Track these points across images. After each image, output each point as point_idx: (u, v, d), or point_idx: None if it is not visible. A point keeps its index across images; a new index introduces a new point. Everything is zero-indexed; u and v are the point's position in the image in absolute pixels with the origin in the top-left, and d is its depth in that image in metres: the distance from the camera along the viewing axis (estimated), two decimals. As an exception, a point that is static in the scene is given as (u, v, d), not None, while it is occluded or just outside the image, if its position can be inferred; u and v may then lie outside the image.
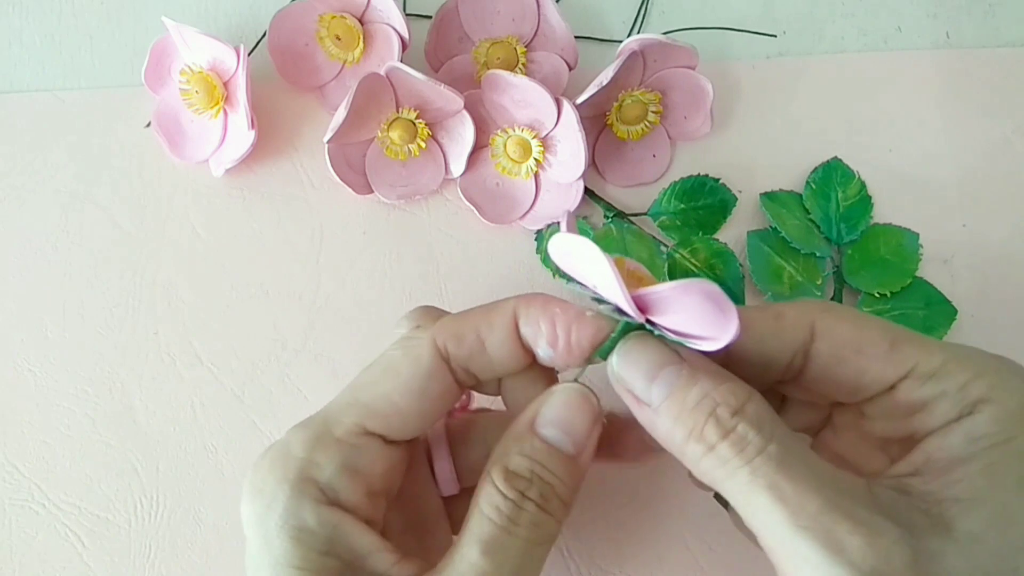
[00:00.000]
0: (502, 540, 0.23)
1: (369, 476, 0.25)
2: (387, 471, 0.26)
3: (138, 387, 0.37)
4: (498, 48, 0.39)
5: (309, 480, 0.24)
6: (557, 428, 0.25)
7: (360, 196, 0.39)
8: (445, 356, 0.26)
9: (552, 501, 0.24)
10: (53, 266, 0.39)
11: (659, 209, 0.39)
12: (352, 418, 0.25)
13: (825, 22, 0.43)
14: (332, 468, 0.24)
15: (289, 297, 0.38)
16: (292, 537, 0.24)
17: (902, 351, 0.24)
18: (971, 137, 0.40)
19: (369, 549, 0.24)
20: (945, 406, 0.24)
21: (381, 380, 0.26)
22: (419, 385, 0.25)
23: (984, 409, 0.23)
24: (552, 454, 0.24)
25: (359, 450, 0.25)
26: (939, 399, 0.24)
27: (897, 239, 0.38)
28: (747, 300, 0.37)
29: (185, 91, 0.39)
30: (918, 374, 0.24)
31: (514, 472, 0.24)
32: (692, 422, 0.23)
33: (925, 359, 0.24)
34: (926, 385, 0.24)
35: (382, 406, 0.25)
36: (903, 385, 0.24)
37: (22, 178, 0.40)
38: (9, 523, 0.35)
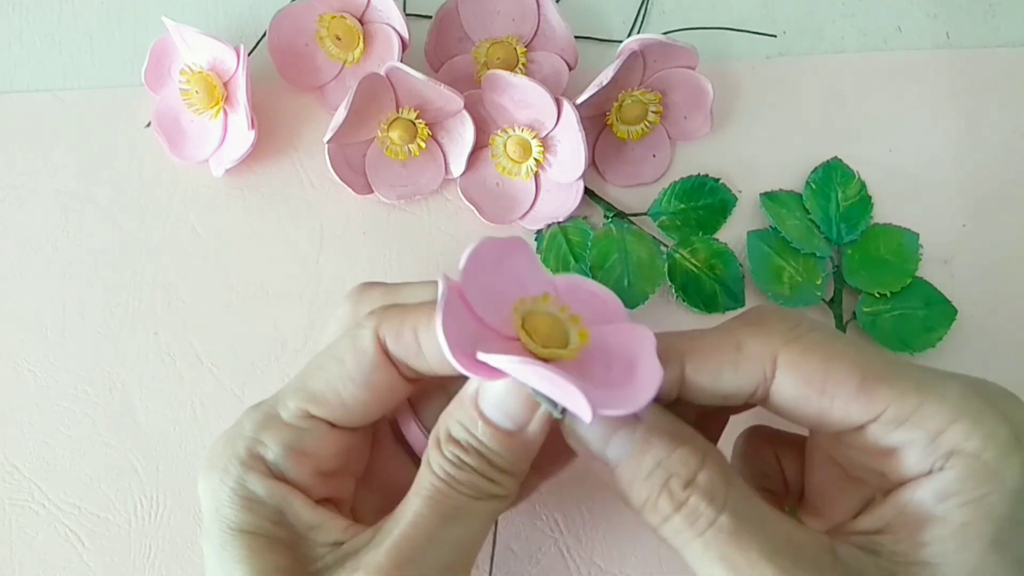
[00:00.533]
0: (444, 493, 0.24)
1: (316, 457, 0.26)
2: (339, 453, 0.26)
3: (138, 387, 0.37)
4: (498, 48, 0.39)
5: (257, 457, 0.25)
6: (494, 405, 0.24)
7: (360, 196, 0.39)
8: (385, 350, 0.25)
9: (491, 470, 0.24)
10: (53, 266, 0.39)
11: (659, 209, 0.39)
12: (297, 402, 0.26)
13: (825, 22, 0.43)
14: (277, 449, 0.25)
15: (289, 297, 0.38)
16: (243, 506, 0.25)
17: (871, 393, 0.23)
18: (971, 137, 0.40)
19: (319, 521, 0.25)
20: (915, 455, 0.23)
21: (327, 368, 0.26)
22: (362, 377, 0.25)
23: (956, 464, 0.22)
24: (488, 429, 0.24)
25: (304, 433, 0.25)
26: (909, 447, 0.23)
27: (897, 239, 0.38)
28: (747, 300, 0.37)
29: (185, 91, 0.39)
30: (887, 419, 0.23)
31: (454, 439, 0.24)
32: (647, 492, 0.23)
33: (896, 403, 0.23)
34: (896, 432, 0.23)
35: (326, 394, 0.25)
36: (872, 428, 0.23)
37: (22, 178, 0.40)
38: (9, 523, 0.35)
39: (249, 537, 0.24)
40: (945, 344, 0.36)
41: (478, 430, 0.24)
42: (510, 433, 0.24)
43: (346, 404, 0.25)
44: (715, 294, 0.37)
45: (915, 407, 0.23)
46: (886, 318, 0.37)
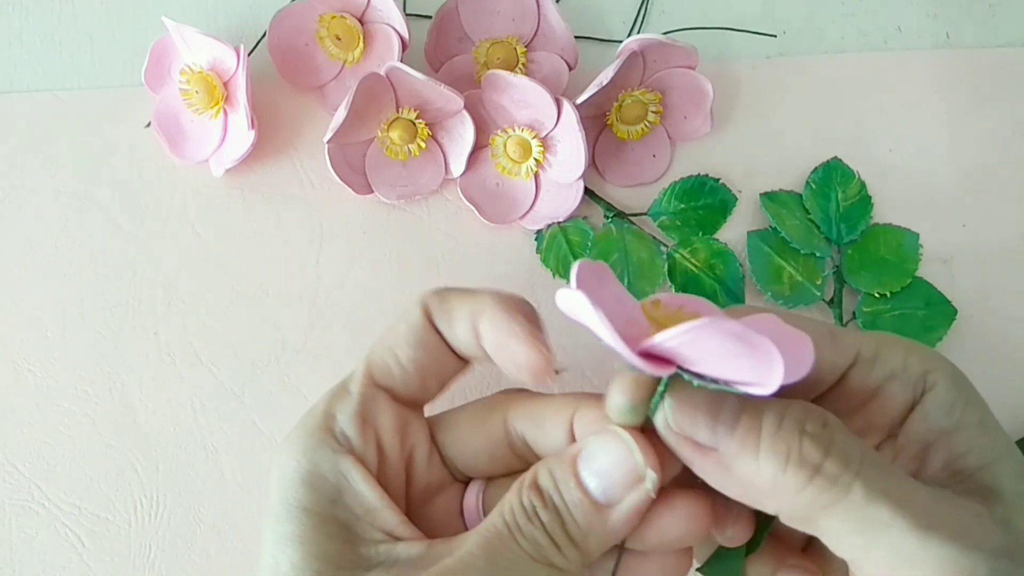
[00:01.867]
0: (504, 540, 0.23)
1: (379, 427, 0.26)
2: (398, 429, 0.27)
3: (138, 387, 0.37)
4: (498, 48, 0.39)
5: (327, 429, 0.26)
6: (593, 471, 0.23)
7: (360, 196, 0.39)
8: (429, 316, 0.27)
9: (559, 535, 0.23)
10: (53, 266, 0.39)
11: (659, 209, 0.39)
12: (361, 373, 0.27)
13: (825, 22, 0.43)
14: (345, 417, 0.26)
15: (289, 297, 0.38)
16: (306, 482, 0.25)
17: (843, 341, 0.25)
18: (971, 137, 0.40)
19: (376, 504, 0.25)
20: (896, 387, 0.25)
21: (384, 340, 0.27)
22: (414, 337, 0.27)
23: (937, 380, 0.24)
24: (576, 492, 0.23)
25: (369, 400, 0.27)
26: (889, 382, 0.25)
27: (897, 239, 0.38)
28: (747, 300, 0.37)
29: (185, 91, 0.39)
30: (863, 359, 0.25)
31: (539, 486, 0.24)
32: (785, 446, 0.21)
33: (865, 345, 0.25)
34: (873, 369, 0.25)
35: (386, 359, 0.27)
36: (853, 373, 0.25)
37: (22, 178, 0.40)
38: (9, 523, 0.35)
39: (307, 515, 0.24)
40: (945, 344, 0.36)
41: (567, 488, 0.23)
42: (598, 505, 0.23)
43: (403, 365, 0.27)
44: (715, 294, 0.37)
45: (876, 347, 0.25)
46: (886, 318, 0.37)
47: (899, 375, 0.25)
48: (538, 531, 0.23)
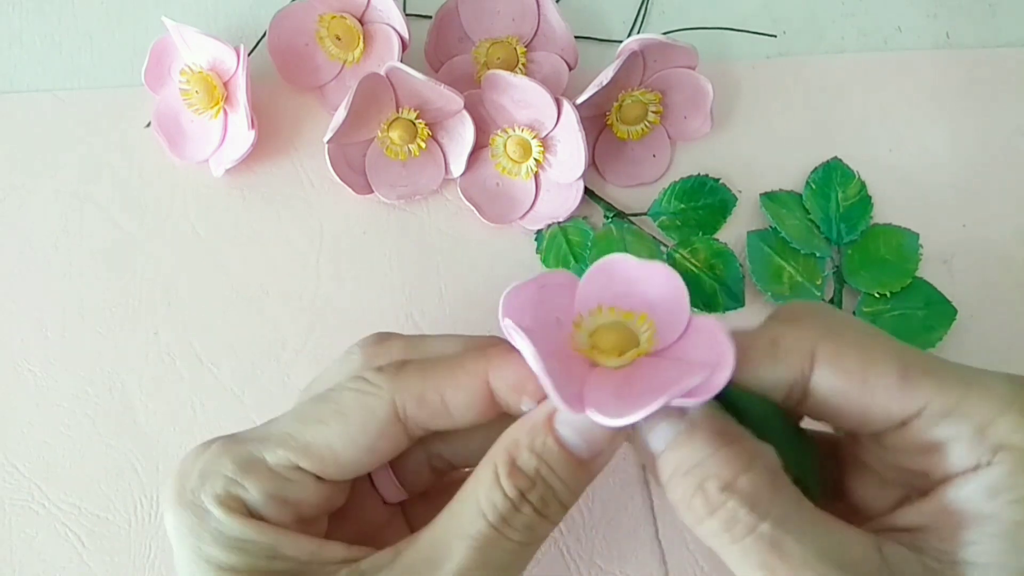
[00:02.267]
0: (493, 539, 0.22)
1: (299, 506, 0.24)
2: (321, 503, 0.25)
3: (138, 387, 0.37)
4: (498, 48, 0.39)
5: (236, 499, 0.24)
6: (574, 429, 0.23)
7: (360, 196, 0.39)
8: (403, 417, 0.24)
9: (551, 505, 0.23)
10: (53, 266, 0.39)
11: (659, 209, 0.39)
12: (286, 452, 0.24)
13: (825, 22, 0.43)
14: (260, 495, 0.24)
15: (289, 297, 0.38)
16: (232, 546, 0.23)
17: (914, 385, 0.22)
18: (971, 137, 0.40)
19: (315, 548, 0.24)
20: (961, 450, 0.22)
21: (327, 422, 0.24)
22: (367, 442, 0.24)
23: (1005, 459, 0.21)
24: (562, 457, 0.23)
25: (289, 483, 0.24)
26: (954, 442, 0.22)
27: (897, 239, 0.38)
28: (747, 300, 0.37)
29: (185, 91, 0.39)
30: (931, 412, 0.22)
31: (520, 469, 0.22)
32: (682, 490, 0.22)
33: (939, 396, 0.22)
34: (940, 426, 0.22)
35: (321, 450, 0.24)
36: (915, 424, 0.22)
37: (22, 178, 0.40)
38: (9, 523, 0.35)
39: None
40: (945, 344, 0.36)
41: (553, 457, 0.22)
42: (582, 461, 0.23)
43: (340, 463, 0.24)
44: (715, 294, 0.37)
45: (959, 399, 0.22)
46: (886, 318, 0.37)
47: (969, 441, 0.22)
48: (531, 516, 0.22)
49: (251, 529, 0.23)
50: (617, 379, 0.22)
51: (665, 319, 0.23)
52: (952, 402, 0.22)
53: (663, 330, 0.23)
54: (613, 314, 0.23)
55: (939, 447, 0.22)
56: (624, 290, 0.23)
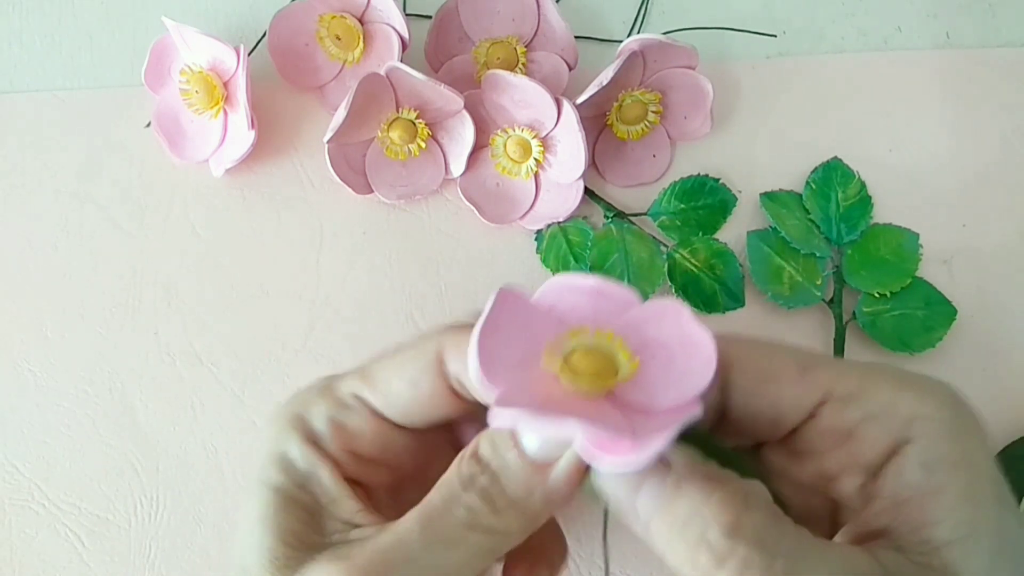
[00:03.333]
0: (439, 512, 0.23)
1: (354, 437, 0.26)
2: (376, 441, 0.26)
3: (138, 387, 0.37)
4: (498, 48, 0.39)
5: (303, 420, 0.26)
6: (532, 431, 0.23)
7: (360, 196, 0.39)
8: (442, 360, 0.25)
9: (500, 498, 0.23)
10: (53, 266, 0.39)
11: (659, 209, 0.39)
12: (353, 381, 0.26)
13: (825, 22, 0.43)
14: (322, 418, 0.26)
15: (289, 297, 0.38)
16: (277, 463, 0.25)
17: (814, 374, 0.23)
18: (971, 137, 0.40)
19: (338, 494, 0.25)
20: (874, 430, 0.23)
21: (388, 357, 0.26)
22: (411, 374, 0.25)
23: (922, 429, 0.22)
24: (512, 452, 0.23)
25: (349, 411, 0.26)
26: (866, 423, 0.23)
27: (897, 239, 0.38)
28: (747, 300, 0.37)
29: (185, 91, 0.39)
30: (836, 397, 0.23)
31: (478, 455, 0.24)
32: (683, 547, 0.21)
33: (839, 382, 0.23)
34: (848, 408, 0.23)
35: (378, 380, 0.26)
36: (824, 412, 0.23)
37: (22, 178, 0.40)
38: (9, 523, 0.35)
39: (273, 492, 0.25)
40: (945, 344, 0.36)
41: (505, 449, 0.23)
42: (536, 466, 0.23)
43: (390, 396, 0.26)
44: (715, 294, 0.37)
45: (859, 383, 0.23)
46: (886, 318, 0.37)
47: (879, 417, 0.23)
48: (474, 497, 0.23)
49: (299, 449, 0.25)
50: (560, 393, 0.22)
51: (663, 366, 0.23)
52: (853, 386, 0.23)
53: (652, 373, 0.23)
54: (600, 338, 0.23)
55: (853, 432, 0.23)
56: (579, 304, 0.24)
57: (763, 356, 0.24)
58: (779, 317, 0.37)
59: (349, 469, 0.26)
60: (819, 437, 0.24)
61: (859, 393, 0.23)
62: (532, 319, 0.23)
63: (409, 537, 0.23)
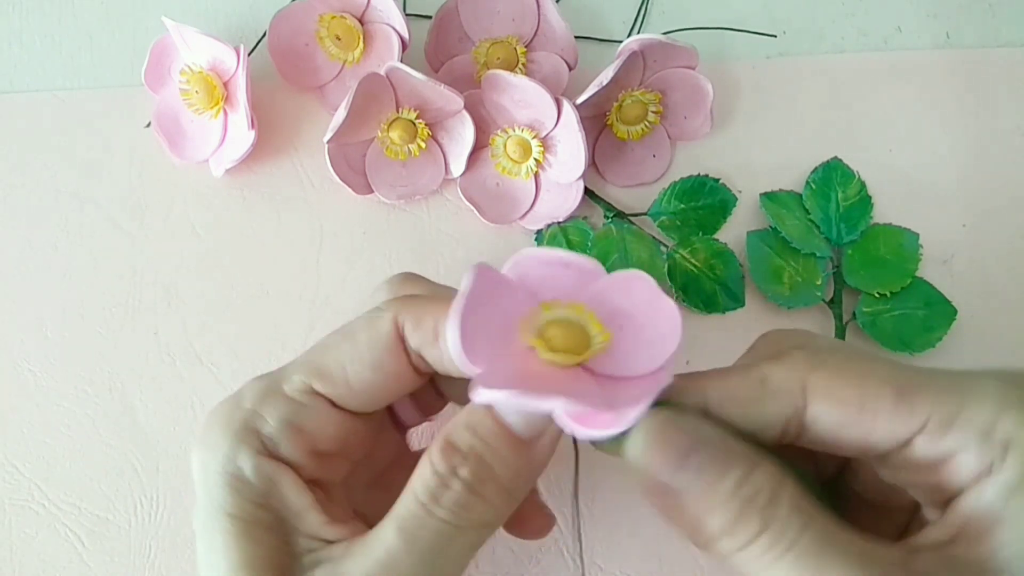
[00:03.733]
0: (420, 519, 0.22)
1: (314, 436, 0.25)
2: (337, 434, 0.25)
3: (138, 387, 0.37)
4: (498, 48, 0.39)
5: (252, 431, 0.24)
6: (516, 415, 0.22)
7: (360, 196, 0.39)
8: (404, 338, 0.24)
9: (487, 484, 0.22)
10: (53, 266, 0.39)
11: (659, 209, 0.39)
12: (302, 376, 0.25)
13: (825, 22, 0.43)
14: (275, 422, 0.24)
15: (289, 297, 0.38)
16: (229, 485, 0.24)
17: (911, 403, 0.22)
18: (971, 137, 0.40)
19: (302, 507, 0.24)
20: (970, 457, 0.21)
21: (338, 345, 0.25)
22: (373, 358, 0.24)
23: (1016, 456, 0.21)
24: (500, 433, 0.22)
25: (305, 409, 0.24)
26: (963, 450, 0.21)
27: (897, 239, 0.38)
28: (747, 300, 0.37)
29: (185, 91, 0.39)
30: (933, 426, 0.22)
31: (453, 444, 0.22)
32: (731, 511, 0.21)
33: (938, 409, 0.22)
34: (945, 438, 0.22)
35: (333, 370, 0.24)
36: (918, 440, 0.22)
37: (22, 178, 0.40)
38: (9, 523, 0.35)
39: (232, 521, 0.23)
40: (945, 344, 0.36)
41: (489, 432, 0.22)
42: (522, 441, 0.22)
43: (351, 384, 0.24)
44: (715, 294, 0.37)
45: (958, 408, 0.22)
46: (886, 318, 0.37)
47: (976, 444, 0.21)
48: (459, 491, 0.22)
49: (252, 463, 0.24)
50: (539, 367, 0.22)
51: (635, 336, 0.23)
52: (952, 411, 0.22)
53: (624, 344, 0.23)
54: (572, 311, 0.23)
55: (947, 459, 0.22)
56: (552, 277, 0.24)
57: (855, 384, 0.22)
58: (779, 317, 0.37)
59: (309, 471, 0.25)
60: (906, 462, 0.23)
61: (958, 414, 0.22)
62: (505, 294, 0.23)
63: (396, 557, 0.22)
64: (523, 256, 0.24)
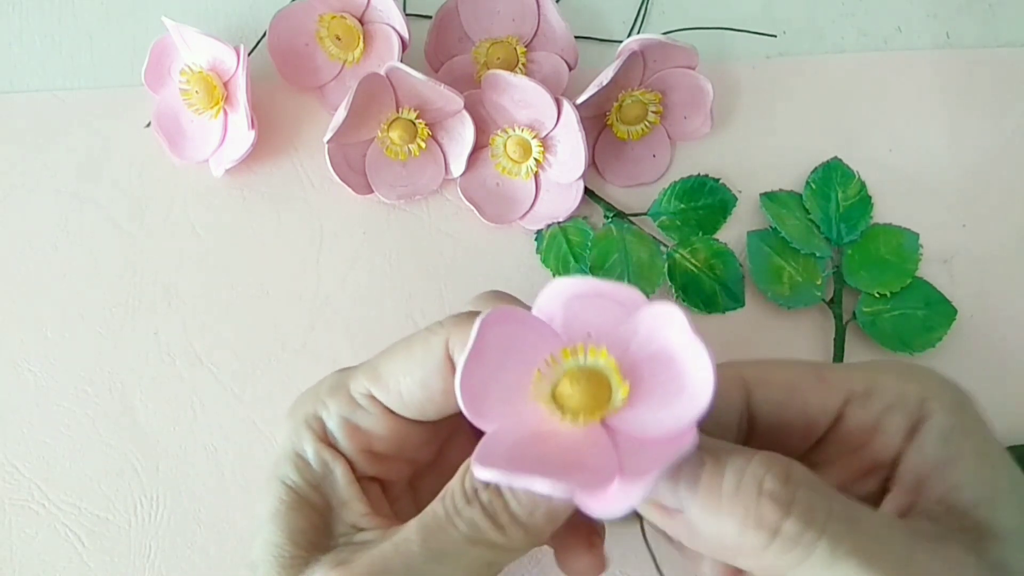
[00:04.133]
0: (441, 524, 0.23)
1: (369, 437, 0.26)
2: (392, 438, 0.26)
3: (138, 387, 0.37)
4: (498, 48, 0.39)
5: (318, 419, 0.26)
6: None
7: (360, 196, 0.39)
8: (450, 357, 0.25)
9: (501, 516, 0.23)
10: (53, 266, 0.39)
11: (659, 209, 0.39)
12: (365, 380, 0.26)
13: (825, 22, 0.43)
14: (335, 418, 0.26)
15: (289, 297, 0.38)
16: (292, 461, 0.26)
17: (832, 380, 0.25)
18: (971, 137, 0.40)
19: (349, 497, 0.25)
20: (896, 419, 0.24)
21: (398, 355, 0.26)
22: (423, 375, 0.25)
23: (934, 407, 0.24)
24: None
25: (362, 411, 0.26)
26: (887, 414, 0.24)
27: (897, 239, 0.38)
28: (747, 300, 0.37)
29: (185, 91, 0.39)
30: (856, 395, 0.24)
31: None
32: (743, 507, 0.20)
33: (855, 381, 0.24)
34: (869, 403, 0.24)
35: (388, 380, 0.26)
36: (848, 412, 0.24)
37: (22, 178, 0.40)
38: (9, 523, 0.35)
39: (287, 490, 0.25)
40: (945, 344, 0.36)
41: None
42: None
43: (403, 396, 0.25)
44: (715, 294, 0.37)
45: (871, 379, 0.24)
46: (886, 318, 0.37)
47: (896, 405, 0.24)
48: (477, 513, 0.23)
49: (312, 448, 0.26)
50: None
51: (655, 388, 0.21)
52: (867, 383, 0.24)
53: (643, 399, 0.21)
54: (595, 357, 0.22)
55: (877, 425, 0.24)
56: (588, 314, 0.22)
57: (781, 370, 0.25)
58: (779, 317, 0.37)
59: (365, 468, 0.26)
60: (848, 436, 0.25)
61: (873, 388, 0.24)
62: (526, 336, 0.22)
63: (409, 548, 0.23)
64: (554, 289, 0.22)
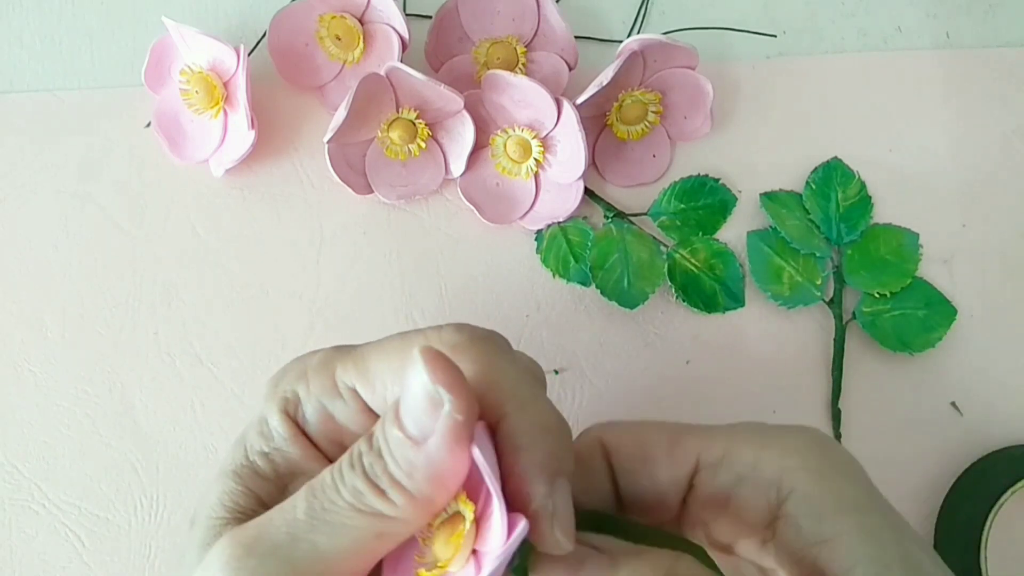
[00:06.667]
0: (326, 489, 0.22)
1: (341, 430, 0.25)
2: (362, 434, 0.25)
3: (138, 387, 0.37)
4: (498, 48, 0.39)
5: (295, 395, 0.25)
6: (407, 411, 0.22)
7: (360, 196, 0.39)
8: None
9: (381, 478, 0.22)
10: (53, 266, 0.39)
11: (659, 209, 0.39)
12: (353, 373, 0.25)
13: (825, 22, 0.43)
14: (313, 401, 0.25)
15: (289, 297, 0.38)
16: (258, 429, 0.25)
17: (682, 445, 0.24)
18: (971, 137, 0.40)
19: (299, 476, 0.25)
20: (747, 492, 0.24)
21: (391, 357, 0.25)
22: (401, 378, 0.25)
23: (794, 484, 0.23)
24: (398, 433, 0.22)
25: (341, 403, 0.25)
26: (739, 485, 0.24)
27: (897, 239, 0.38)
28: (747, 300, 0.37)
29: (185, 91, 0.39)
30: (705, 464, 0.24)
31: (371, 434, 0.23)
32: None
33: (707, 448, 0.24)
34: (718, 474, 0.24)
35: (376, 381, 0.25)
36: (698, 481, 0.24)
37: (22, 178, 0.40)
38: (9, 523, 0.35)
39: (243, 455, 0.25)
40: (945, 344, 0.36)
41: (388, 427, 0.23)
42: (414, 440, 0.22)
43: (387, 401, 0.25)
44: (715, 294, 0.37)
45: (723, 448, 0.24)
46: (886, 318, 0.37)
47: (748, 477, 0.23)
48: (359, 477, 0.22)
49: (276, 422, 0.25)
50: None
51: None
52: (720, 451, 0.24)
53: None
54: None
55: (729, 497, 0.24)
56: None
57: (634, 436, 0.25)
58: (779, 317, 0.37)
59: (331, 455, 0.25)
60: (702, 507, 0.25)
61: (725, 457, 0.24)
62: None
63: (295, 515, 0.22)
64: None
